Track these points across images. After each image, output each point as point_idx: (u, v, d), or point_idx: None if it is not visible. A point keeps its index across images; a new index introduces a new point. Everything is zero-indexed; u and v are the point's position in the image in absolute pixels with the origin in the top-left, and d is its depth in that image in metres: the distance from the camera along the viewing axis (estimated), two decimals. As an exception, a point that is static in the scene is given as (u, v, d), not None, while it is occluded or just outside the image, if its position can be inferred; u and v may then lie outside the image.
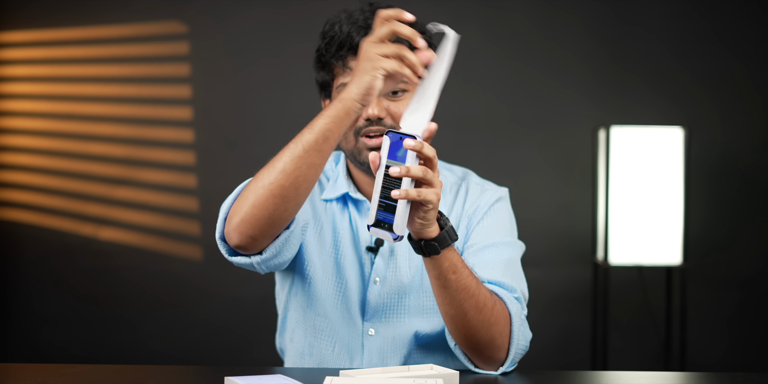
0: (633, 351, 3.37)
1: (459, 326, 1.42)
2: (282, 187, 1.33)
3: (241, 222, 1.36)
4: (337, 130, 1.32)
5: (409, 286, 1.62)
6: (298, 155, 1.32)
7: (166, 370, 1.52)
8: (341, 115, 1.31)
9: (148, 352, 3.39)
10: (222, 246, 1.44)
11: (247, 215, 1.35)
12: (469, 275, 1.39)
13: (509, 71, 3.37)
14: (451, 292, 1.38)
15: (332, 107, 1.32)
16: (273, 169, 1.33)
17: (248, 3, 3.41)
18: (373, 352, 1.60)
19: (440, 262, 1.36)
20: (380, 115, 1.52)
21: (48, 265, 3.42)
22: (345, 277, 1.62)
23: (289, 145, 1.33)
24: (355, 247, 1.63)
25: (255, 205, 1.34)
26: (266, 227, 1.37)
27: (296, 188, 1.33)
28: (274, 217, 1.35)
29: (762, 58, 3.39)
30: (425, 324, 1.61)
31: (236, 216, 1.36)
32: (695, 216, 3.28)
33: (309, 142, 1.32)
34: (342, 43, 1.52)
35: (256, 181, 1.35)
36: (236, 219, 1.36)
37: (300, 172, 1.32)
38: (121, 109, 3.43)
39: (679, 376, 1.61)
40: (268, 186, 1.33)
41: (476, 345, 1.44)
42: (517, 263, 1.59)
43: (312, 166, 1.33)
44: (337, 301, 1.62)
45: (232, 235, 1.38)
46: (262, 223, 1.36)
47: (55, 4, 3.42)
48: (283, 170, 1.32)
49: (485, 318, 1.42)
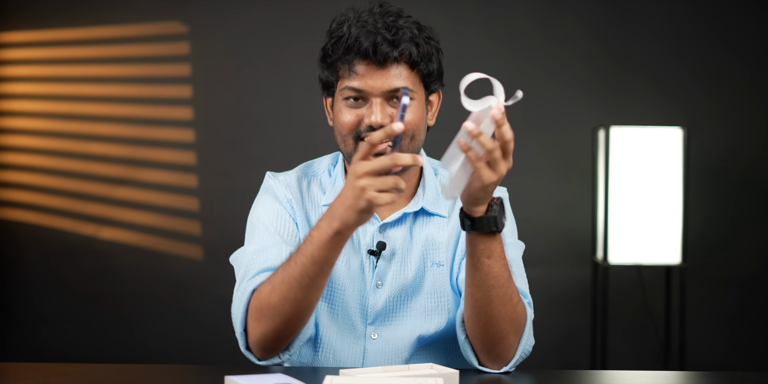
0: (632, 350, 3.37)
1: (480, 313, 1.44)
2: (297, 313, 1.42)
3: (264, 341, 1.46)
4: (338, 255, 1.38)
5: (412, 288, 1.62)
6: (308, 285, 1.40)
7: (166, 369, 1.52)
8: (341, 245, 1.37)
9: (148, 351, 3.39)
10: (250, 355, 1.50)
11: (269, 336, 1.45)
12: (503, 266, 1.42)
13: (509, 71, 3.37)
14: (481, 276, 1.41)
15: (331, 239, 1.35)
16: (285, 300, 1.41)
17: (248, 3, 3.42)
18: (375, 355, 1.60)
19: (476, 242, 1.40)
20: (383, 123, 1.52)
21: (48, 264, 3.42)
22: (341, 282, 1.61)
23: (293, 276, 1.40)
24: (357, 250, 1.62)
25: (276, 329, 1.44)
26: (289, 340, 1.47)
27: (311, 308, 1.43)
28: (295, 332, 1.46)
29: (762, 58, 3.39)
30: (427, 325, 1.61)
31: (255, 335, 1.46)
32: (694, 216, 3.28)
33: (315, 273, 1.39)
34: (350, 47, 1.51)
35: (268, 309, 1.43)
36: (256, 338, 1.46)
37: (312, 297, 1.41)
38: (122, 109, 3.43)
39: (678, 375, 1.61)
40: (285, 314, 1.42)
41: (491, 338, 1.46)
42: (521, 263, 1.62)
43: (320, 287, 1.41)
44: (335, 308, 1.61)
45: (258, 353, 1.48)
46: (283, 339, 1.46)
47: (56, 5, 3.42)
48: (295, 299, 1.40)
49: (508, 311, 1.44)
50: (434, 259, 1.62)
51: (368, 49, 1.49)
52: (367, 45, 1.49)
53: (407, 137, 1.55)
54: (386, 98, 1.52)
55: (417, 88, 1.55)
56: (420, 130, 1.57)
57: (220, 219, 3.40)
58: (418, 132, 1.56)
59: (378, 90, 1.51)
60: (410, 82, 1.53)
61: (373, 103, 1.52)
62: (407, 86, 1.52)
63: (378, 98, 1.52)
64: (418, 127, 1.56)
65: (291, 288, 1.39)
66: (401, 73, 1.52)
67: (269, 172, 1.69)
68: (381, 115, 1.52)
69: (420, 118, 1.56)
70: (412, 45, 1.51)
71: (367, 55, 1.50)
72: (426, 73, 1.55)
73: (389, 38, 1.49)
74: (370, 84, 1.51)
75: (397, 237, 1.62)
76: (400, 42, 1.50)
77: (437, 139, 1.93)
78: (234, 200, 3.36)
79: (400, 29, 1.51)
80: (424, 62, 1.53)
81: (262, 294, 1.43)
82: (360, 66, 1.51)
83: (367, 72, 1.51)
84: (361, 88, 1.51)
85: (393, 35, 1.50)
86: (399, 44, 1.50)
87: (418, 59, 1.52)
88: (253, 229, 1.60)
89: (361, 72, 1.51)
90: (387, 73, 1.51)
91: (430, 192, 1.65)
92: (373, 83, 1.51)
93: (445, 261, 1.63)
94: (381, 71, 1.51)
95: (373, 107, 1.52)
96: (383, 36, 1.49)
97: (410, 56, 1.51)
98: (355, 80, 1.52)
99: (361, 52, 1.50)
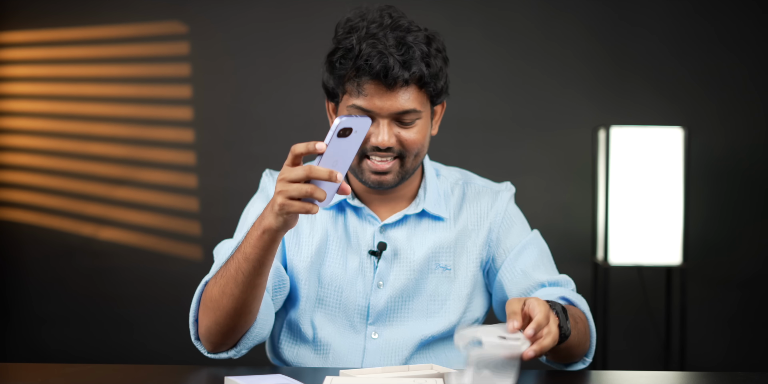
0: (633, 351, 3.37)
1: (560, 357, 1.50)
2: (235, 309, 1.42)
3: (208, 334, 1.47)
4: (270, 255, 1.37)
5: (414, 289, 1.61)
6: (242, 281, 1.40)
7: (166, 369, 1.52)
8: (269, 245, 1.36)
9: (147, 351, 3.39)
10: (199, 346, 1.52)
11: (212, 329, 1.46)
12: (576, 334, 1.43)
13: (509, 71, 3.37)
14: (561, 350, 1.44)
15: (260, 238, 1.35)
16: (223, 294, 1.42)
17: (248, 3, 3.41)
18: (374, 354, 1.60)
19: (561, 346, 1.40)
20: (389, 144, 1.52)
21: (48, 265, 3.42)
22: (338, 284, 1.61)
23: (230, 271, 1.41)
24: (356, 251, 1.62)
25: (217, 322, 1.44)
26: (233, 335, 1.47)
27: (247, 305, 1.43)
28: (237, 328, 1.46)
29: (762, 58, 3.39)
30: (429, 327, 1.61)
31: (202, 327, 1.47)
32: (695, 216, 3.28)
33: (248, 270, 1.39)
34: (360, 70, 1.49)
35: (210, 301, 1.44)
36: (203, 330, 1.48)
37: (247, 294, 1.41)
38: (121, 109, 3.43)
39: (678, 375, 1.61)
40: (223, 308, 1.42)
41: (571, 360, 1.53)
42: (547, 251, 1.69)
43: (256, 286, 1.40)
44: (330, 309, 1.61)
45: (206, 345, 1.50)
46: (227, 333, 1.47)
47: (56, 5, 3.42)
48: (231, 295, 1.41)
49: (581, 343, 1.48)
50: (440, 263, 1.62)
51: (380, 72, 1.47)
52: (379, 68, 1.47)
53: (411, 155, 1.55)
54: (393, 119, 1.52)
55: (424, 106, 1.55)
56: (424, 147, 1.57)
57: (219, 219, 3.40)
58: (422, 149, 1.57)
59: (386, 111, 1.51)
60: (418, 102, 1.52)
61: (380, 123, 1.52)
62: (415, 108, 1.52)
63: (385, 119, 1.51)
64: (423, 145, 1.57)
65: (228, 282, 1.40)
66: (410, 96, 1.51)
67: (268, 169, 1.69)
68: (387, 135, 1.51)
69: (424, 136, 1.56)
70: (423, 64, 1.49)
71: (377, 77, 1.48)
72: (434, 92, 1.55)
73: (400, 60, 1.47)
74: (378, 105, 1.50)
75: (398, 238, 1.62)
76: (411, 64, 1.48)
77: (436, 138, 1.93)
78: (234, 200, 3.35)
79: (410, 48, 1.49)
80: (433, 82, 1.53)
81: (208, 286, 1.46)
82: (369, 86, 1.49)
83: (376, 93, 1.50)
84: (369, 108, 1.51)
85: (403, 55, 1.48)
86: (410, 66, 1.48)
87: (429, 80, 1.52)
88: (240, 226, 1.65)
89: (370, 92, 1.50)
90: (396, 95, 1.50)
91: (432, 194, 1.65)
92: (382, 104, 1.50)
93: (452, 264, 1.63)
94: (390, 93, 1.50)
95: (380, 128, 1.52)
96: (394, 57, 1.47)
97: (421, 78, 1.51)
98: (363, 100, 1.50)
99: (371, 74, 1.48)
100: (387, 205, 1.64)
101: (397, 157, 1.55)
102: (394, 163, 1.55)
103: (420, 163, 1.60)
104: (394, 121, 1.52)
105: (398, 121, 1.52)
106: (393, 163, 1.54)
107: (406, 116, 1.52)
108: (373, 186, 1.57)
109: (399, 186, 1.61)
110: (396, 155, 1.54)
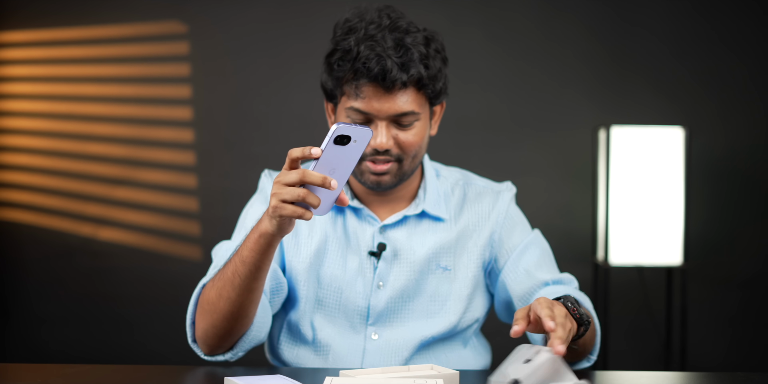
0: (633, 351, 3.37)
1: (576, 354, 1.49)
2: (231, 312, 1.42)
3: (205, 336, 1.46)
4: (267, 259, 1.36)
5: (414, 289, 1.61)
6: (239, 285, 1.38)
7: (165, 370, 1.51)
8: (265, 248, 1.34)
9: (147, 352, 3.39)
10: (195, 348, 1.51)
11: (208, 332, 1.46)
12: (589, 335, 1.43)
13: (509, 71, 3.37)
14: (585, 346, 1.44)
15: (256, 241, 1.33)
16: (220, 297, 1.41)
17: (248, 3, 3.41)
18: (374, 355, 1.60)
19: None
20: (387, 146, 1.52)
21: (48, 265, 3.41)
22: (337, 285, 1.61)
23: (227, 274, 1.39)
24: (356, 251, 1.62)
25: (213, 325, 1.44)
26: (229, 338, 1.47)
27: (244, 309, 1.42)
28: (234, 331, 1.45)
29: (762, 58, 3.39)
30: (429, 328, 1.61)
31: (199, 330, 1.47)
32: (696, 216, 3.27)
33: (245, 274, 1.37)
34: (358, 72, 1.49)
35: (207, 304, 1.43)
36: (199, 333, 1.47)
37: (243, 297, 1.40)
38: (121, 109, 3.43)
39: (679, 376, 1.61)
40: (220, 311, 1.42)
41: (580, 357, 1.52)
42: (548, 251, 1.69)
43: (253, 289, 1.40)
44: (330, 310, 1.61)
45: (202, 347, 1.49)
46: (224, 336, 1.46)
47: (55, 4, 3.41)
48: (228, 298, 1.40)
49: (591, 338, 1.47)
50: (440, 263, 1.62)
51: (378, 75, 1.47)
52: (377, 71, 1.46)
53: (409, 157, 1.55)
54: (391, 120, 1.52)
55: (422, 108, 1.54)
56: (422, 148, 1.58)
57: (219, 219, 3.39)
58: (420, 151, 1.57)
59: (384, 114, 1.51)
60: (417, 104, 1.52)
61: (378, 125, 1.52)
62: (414, 109, 1.51)
63: (383, 121, 1.51)
64: (421, 147, 1.57)
65: (225, 285, 1.40)
66: (408, 98, 1.51)
67: (267, 169, 1.69)
68: (386, 138, 1.51)
69: (422, 138, 1.56)
70: (421, 66, 1.49)
71: (375, 80, 1.48)
72: (433, 94, 1.55)
73: (398, 62, 1.47)
74: (376, 107, 1.50)
75: (397, 238, 1.62)
76: (410, 66, 1.48)
77: (436, 138, 1.92)
78: (233, 200, 3.35)
79: (408, 50, 1.48)
80: (431, 83, 1.52)
81: (206, 289, 1.45)
82: (367, 88, 1.49)
83: (374, 95, 1.49)
84: (367, 111, 1.51)
85: (401, 57, 1.47)
86: (408, 68, 1.48)
87: (427, 82, 1.51)
88: (238, 227, 1.65)
89: (368, 95, 1.49)
90: (394, 97, 1.50)
91: (432, 194, 1.65)
92: (380, 107, 1.50)
93: (452, 265, 1.63)
94: (388, 96, 1.50)
95: (378, 130, 1.52)
96: (392, 59, 1.46)
97: (419, 80, 1.50)
98: (360, 102, 1.50)
99: (369, 77, 1.48)
100: (386, 205, 1.64)
101: (395, 160, 1.55)
102: (392, 164, 1.55)
103: (419, 164, 1.60)
104: (392, 123, 1.52)
105: (396, 122, 1.52)
106: (391, 165, 1.55)
107: (405, 118, 1.52)
108: (371, 187, 1.57)
109: (398, 186, 1.61)
110: (394, 159, 1.54)
